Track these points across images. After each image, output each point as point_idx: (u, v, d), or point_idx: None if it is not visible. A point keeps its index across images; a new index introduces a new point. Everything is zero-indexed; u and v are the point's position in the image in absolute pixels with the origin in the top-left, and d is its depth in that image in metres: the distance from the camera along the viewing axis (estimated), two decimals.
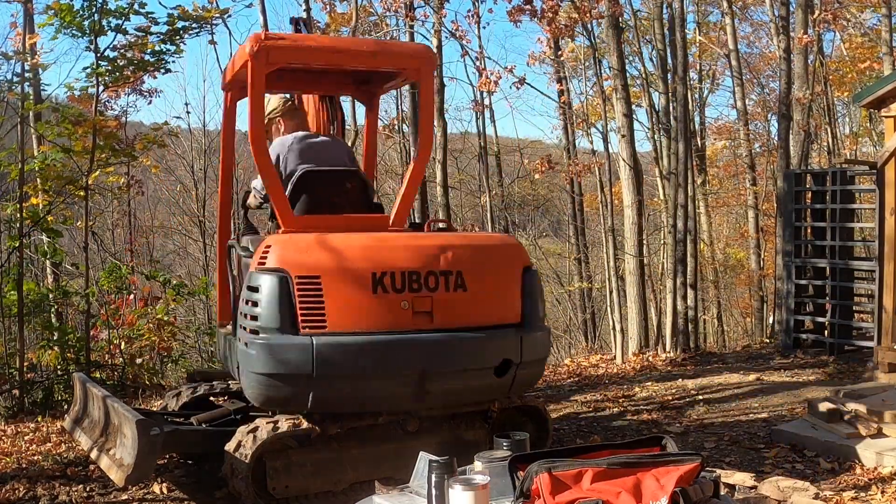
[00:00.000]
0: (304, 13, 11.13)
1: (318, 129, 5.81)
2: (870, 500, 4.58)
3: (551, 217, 26.06)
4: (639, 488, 2.08)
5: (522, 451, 2.42)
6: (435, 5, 12.43)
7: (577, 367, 10.58)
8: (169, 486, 5.07)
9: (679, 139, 11.56)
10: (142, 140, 9.54)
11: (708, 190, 18.40)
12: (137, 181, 13.54)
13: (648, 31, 15.44)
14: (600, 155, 15.19)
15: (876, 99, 7.71)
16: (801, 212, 10.30)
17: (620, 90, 11.55)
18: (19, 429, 6.78)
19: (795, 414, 6.56)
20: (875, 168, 8.17)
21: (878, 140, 14.42)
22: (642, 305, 11.76)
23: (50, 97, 11.60)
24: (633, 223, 11.49)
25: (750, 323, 18.59)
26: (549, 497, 2.07)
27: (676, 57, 11.99)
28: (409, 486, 2.47)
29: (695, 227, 13.24)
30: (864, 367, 8.74)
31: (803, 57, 12.38)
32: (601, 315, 18.51)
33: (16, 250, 8.43)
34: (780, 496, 4.46)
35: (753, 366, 9.32)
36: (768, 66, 18.81)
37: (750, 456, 5.62)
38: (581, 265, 19.24)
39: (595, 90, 15.90)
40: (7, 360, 8.23)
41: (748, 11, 18.94)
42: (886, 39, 13.78)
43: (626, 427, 6.61)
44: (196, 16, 8.67)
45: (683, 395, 7.75)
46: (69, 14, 7.90)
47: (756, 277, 17.39)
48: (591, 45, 12.92)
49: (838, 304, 9.63)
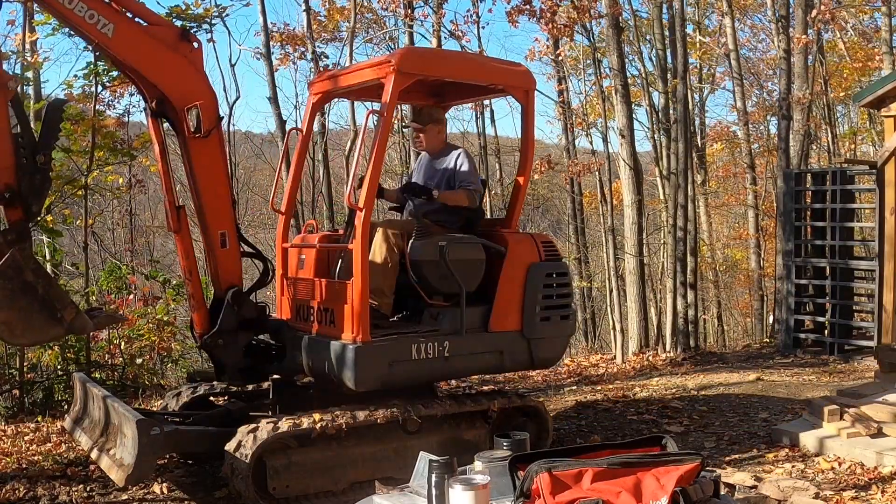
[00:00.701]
0: (304, 12, 11.15)
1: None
2: (870, 499, 4.58)
3: (551, 217, 26.06)
4: (639, 488, 2.08)
5: (522, 450, 2.42)
6: (434, 5, 12.43)
7: (578, 367, 10.59)
8: (169, 486, 5.07)
9: (679, 139, 11.56)
10: (140, 139, 9.53)
11: (708, 190, 18.40)
12: (139, 181, 13.53)
13: (648, 30, 15.45)
14: (600, 155, 15.23)
15: (876, 99, 7.72)
16: (801, 211, 10.30)
17: (620, 90, 11.55)
18: (19, 429, 6.78)
19: (795, 414, 6.56)
20: (875, 167, 8.18)
21: (878, 140, 14.42)
22: (642, 305, 11.77)
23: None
24: (633, 223, 11.49)
25: (750, 323, 18.59)
26: (549, 497, 2.07)
27: (676, 56, 11.99)
28: (410, 485, 2.47)
29: (695, 227, 13.25)
30: (864, 366, 8.75)
31: (803, 57, 12.39)
32: (601, 315, 18.52)
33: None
34: (780, 496, 4.46)
35: (753, 365, 9.32)
36: (768, 66, 18.82)
37: (750, 456, 5.62)
38: (581, 265, 19.24)
39: (595, 90, 15.92)
40: (7, 360, 8.23)
41: (748, 12, 18.94)
42: (886, 39, 13.77)
43: (626, 427, 6.60)
44: (194, 15, 8.67)
45: (683, 395, 7.74)
46: None
47: (756, 277, 17.39)
48: (590, 44, 12.92)
49: (838, 304, 9.63)
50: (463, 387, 7.57)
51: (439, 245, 4.98)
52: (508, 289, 5.24)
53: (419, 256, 5.00)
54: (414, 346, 4.85)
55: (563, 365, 11.33)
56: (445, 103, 6.22)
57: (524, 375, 10.42)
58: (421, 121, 5.59)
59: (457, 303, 5.05)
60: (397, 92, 4.85)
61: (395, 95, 4.85)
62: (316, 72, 16.76)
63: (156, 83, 4.68)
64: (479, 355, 5.18)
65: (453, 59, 6.24)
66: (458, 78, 5.37)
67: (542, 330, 5.34)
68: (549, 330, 5.39)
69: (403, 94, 5.22)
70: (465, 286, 5.01)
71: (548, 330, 5.38)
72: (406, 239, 5.06)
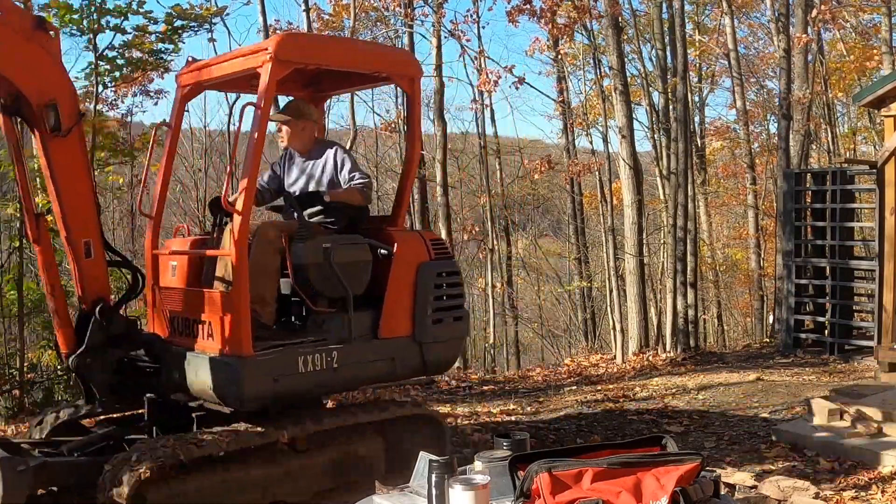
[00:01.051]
0: (304, 12, 11.16)
1: None
2: (870, 499, 4.59)
3: (551, 217, 26.04)
4: (639, 488, 2.08)
5: (522, 450, 2.42)
6: (434, 5, 12.43)
7: (578, 367, 10.59)
8: None
9: (679, 139, 11.57)
10: (140, 139, 9.54)
11: (708, 190, 18.39)
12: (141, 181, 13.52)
13: (648, 30, 15.44)
14: (600, 154, 15.23)
15: (876, 98, 7.72)
16: (801, 211, 10.30)
17: (620, 89, 11.55)
18: (19, 429, 6.78)
19: (795, 413, 6.57)
20: (875, 167, 8.18)
21: (878, 140, 14.43)
22: (642, 305, 11.77)
23: None
24: (632, 223, 11.49)
25: (750, 322, 18.58)
26: (549, 497, 2.07)
27: (676, 56, 11.99)
28: (410, 485, 2.47)
29: (695, 226, 13.25)
30: (864, 366, 8.75)
31: (803, 56, 12.39)
32: (601, 315, 18.51)
33: (16, 250, 8.43)
34: (781, 496, 4.46)
35: (753, 365, 9.32)
36: (767, 66, 18.81)
37: (750, 456, 5.62)
38: (581, 265, 19.24)
39: (594, 89, 15.92)
40: (7, 360, 8.23)
41: (746, 11, 18.92)
42: (886, 39, 13.77)
43: (626, 427, 6.60)
44: (194, 15, 8.66)
45: (683, 395, 7.75)
46: (68, 12, 7.89)
47: (756, 277, 17.38)
48: (590, 43, 12.93)
49: (838, 304, 9.64)
50: (354, 398, 7.00)
51: (324, 247, 4.61)
52: (397, 291, 4.90)
53: (302, 260, 4.60)
54: (301, 359, 4.48)
55: (563, 365, 11.35)
56: (325, 93, 5.90)
57: (524, 375, 10.43)
58: (286, 114, 5.21)
59: (344, 308, 4.69)
60: (274, 82, 4.50)
61: (272, 86, 4.49)
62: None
63: (9, 76, 4.18)
64: (370, 364, 4.82)
65: (334, 45, 5.67)
66: (339, 66, 5.00)
67: (435, 333, 5.01)
68: (441, 333, 5.05)
69: (280, 85, 4.87)
70: (352, 290, 4.66)
71: (441, 333, 5.05)
72: (287, 241, 4.66)
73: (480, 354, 17.37)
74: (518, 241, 21.03)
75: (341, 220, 4.93)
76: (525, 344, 20.03)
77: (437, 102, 13.71)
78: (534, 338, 21.05)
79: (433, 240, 5.24)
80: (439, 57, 13.90)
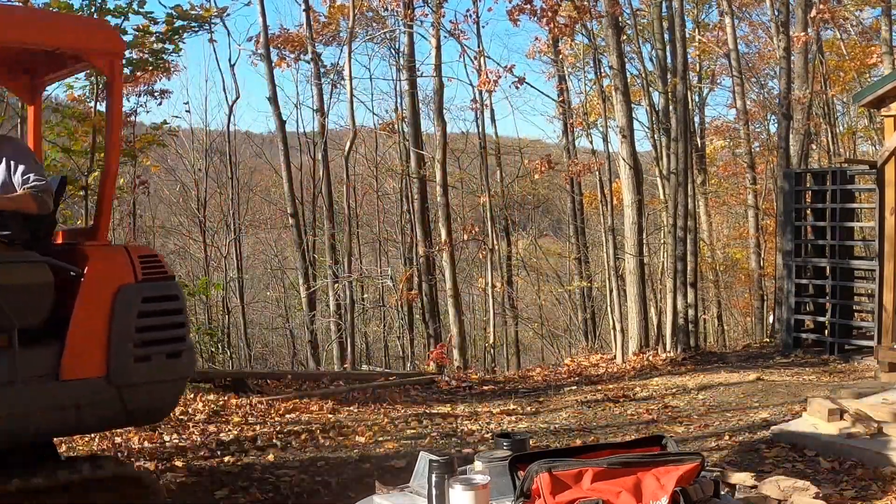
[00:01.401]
0: (304, 11, 11.14)
1: None
2: (870, 499, 4.58)
3: (551, 217, 26.07)
4: (639, 488, 2.08)
5: (523, 450, 2.42)
6: (434, 4, 12.43)
7: (578, 367, 10.59)
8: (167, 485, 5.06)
9: (679, 139, 11.57)
10: (141, 139, 9.55)
11: (708, 190, 18.40)
12: (143, 182, 13.54)
13: (647, 30, 15.44)
14: (600, 154, 15.22)
15: (876, 98, 7.72)
16: (801, 211, 10.31)
17: (620, 89, 11.55)
18: None
19: (795, 413, 6.56)
20: (875, 167, 8.18)
21: (878, 139, 14.42)
22: (642, 305, 11.77)
23: (50, 97, 11.59)
24: (633, 223, 11.49)
25: (750, 322, 18.59)
26: (549, 497, 2.07)
27: (676, 56, 11.99)
28: (410, 485, 2.47)
29: (695, 226, 13.25)
30: (864, 366, 8.75)
31: (803, 56, 12.39)
32: (601, 315, 18.52)
33: None
34: (781, 496, 4.46)
35: (753, 365, 9.33)
36: (766, 65, 18.81)
37: (750, 456, 5.61)
38: (581, 265, 19.26)
39: (595, 89, 15.92)
40: None
41: (746, 10, 18.93)
42: (886, 38, 13.77)
43: (626, 427, 6.60)
44: (195, 15, 8.66)
45: (683, 395, 7.75)
46: (68, 12, 7.90)
47: (756, 277, 17.39)
48: (590, 43, 12.93)
49: (838, 304, 9.64)
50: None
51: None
52: (87, 320, 3.88)
53: None
54: None
55: (563, 365, 11.35)
56: (41, 79, 4.80)
57: (524, 375, 10.43)
58: None
59: (9, 343, 3.69)
60: None
61: None
62: (316, 73, 16.80)
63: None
64: (47, 413, 3.76)
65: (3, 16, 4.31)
66: (13, 42, 3.94)
67: (140, 373, 3.98)
68: (150, 373, 4.01)
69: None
70: (19, 321, 3.69)
71: (148, 373, 4.00)
72: None
73: (480, 354, 17.39)
74: (518, 240, 21.03)
75: (19, 233, 3.96)
76: (525, 344, 20.04)
77: (436, 102, 13.74)
78: (534, 338, 21.06)
79: (144, 256, 4.17)
80: (439, 57, 13.93)
